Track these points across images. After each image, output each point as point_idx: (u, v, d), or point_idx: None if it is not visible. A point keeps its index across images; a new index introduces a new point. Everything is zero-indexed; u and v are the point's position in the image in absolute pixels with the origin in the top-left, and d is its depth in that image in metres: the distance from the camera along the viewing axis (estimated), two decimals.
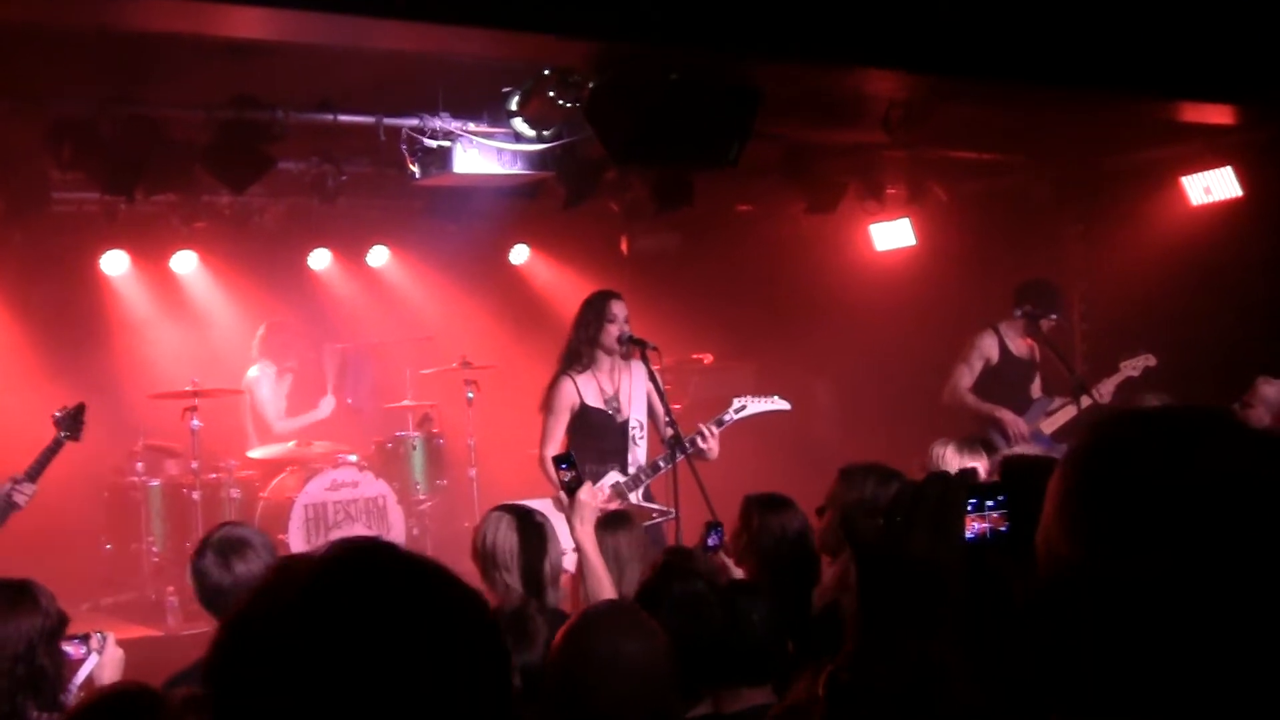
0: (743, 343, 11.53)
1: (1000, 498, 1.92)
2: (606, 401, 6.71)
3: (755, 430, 7.11)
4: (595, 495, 4.83)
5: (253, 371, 9.62)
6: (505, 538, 4.43)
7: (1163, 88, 7.04)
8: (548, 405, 6.69)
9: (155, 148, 7.24)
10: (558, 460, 4.82)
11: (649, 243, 11.52)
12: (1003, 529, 1.91)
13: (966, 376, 8.21)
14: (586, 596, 4.44)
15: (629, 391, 6.77)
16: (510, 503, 4.76)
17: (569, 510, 4.66)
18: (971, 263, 10.14)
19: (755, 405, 6.87)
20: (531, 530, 4.49)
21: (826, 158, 9.22)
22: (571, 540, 4.70)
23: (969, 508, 1.88)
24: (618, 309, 6.69)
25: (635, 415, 6.77)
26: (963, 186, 10.30)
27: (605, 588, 4.45)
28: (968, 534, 1.87)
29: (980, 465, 5.07)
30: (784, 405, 6.97)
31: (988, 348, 8.27)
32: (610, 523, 4.79)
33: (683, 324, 10.52)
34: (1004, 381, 8.19)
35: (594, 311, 6.73)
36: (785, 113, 7.48)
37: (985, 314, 8.62)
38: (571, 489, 4.69)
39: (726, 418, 6.76)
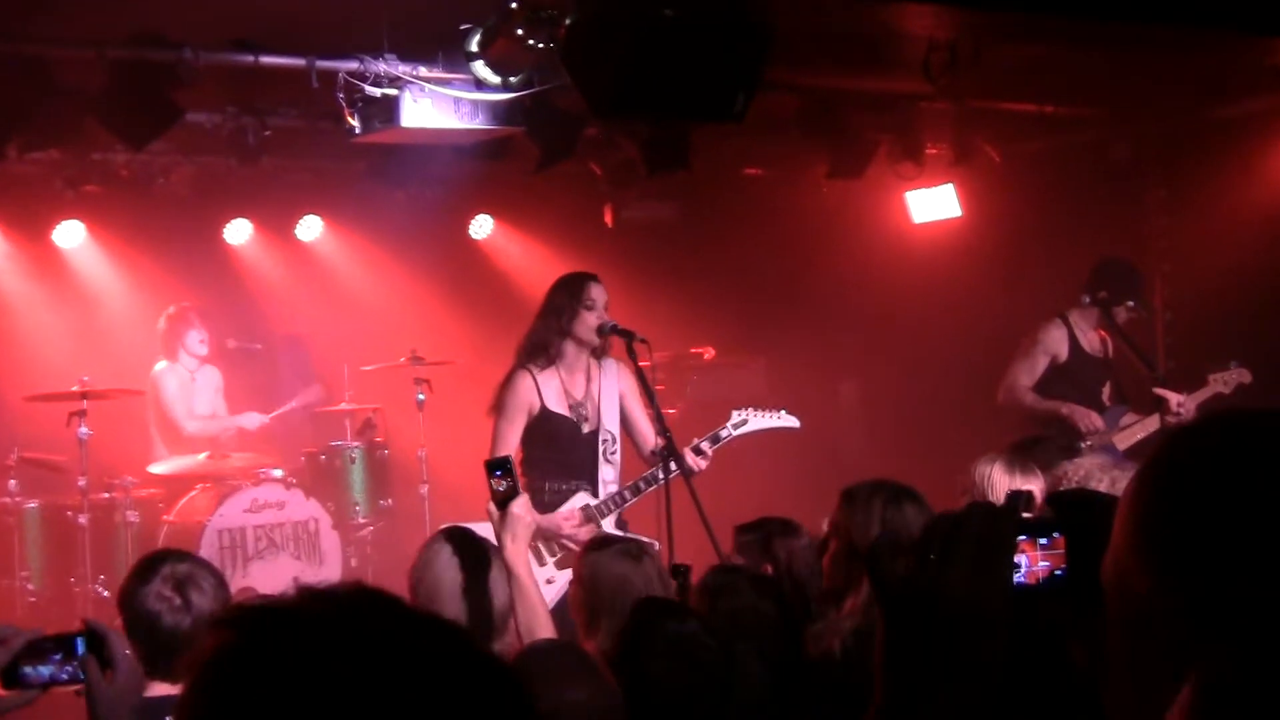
0: (751, 334, 11.53)
1: (1057, 534, 1.92)
2: (572, 407, 6.73)
3: (766, 440, 7.12)
4: (530, 510, 4.83)
5: (160, 364, 9.61)
6: (447, 569, 4.44)
7: (1269, 21, 7.02)
8: (499, 405, 6.68)
9: (34, 94, 7.21)
10: (491, 466, 4.79)
11: (638, 214, 11.51)
12: (1059, 572, 1.91)
13: (1027, 374, 8.22)
14: (520, 631, 4.48)
15: (598, 397, 6.79)
16: (456, 525, 4.77)
17: (498, 524, 4.66)
18: (1030, 238, 10.15)
19: (759, 420, 6.91)
20: (480, 560, 4.50)
21: (853, 111, 9.21)
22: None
23: (1019, 544, 1.88)
24: (598, 294, 6.70)
25: (607, 426, 6.79)
26: (1020, 145, 10.29)
27: (541, 623, 4.51)
28: (1017, 577, 1.87)
29: (1036, 487, 5.05)
30: (792, 422, 7.03)
31: (1055, 341, 8.28)
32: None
33: (678, 312, 10.51)
34: (1073, 383, 8.20)
35: (568, 295, 6.73)
36: (803, 56, 7.46)
37: (1046, 300, 8.62)
38: (504, 501, 4.70)
39: (724, 434, 6.78)
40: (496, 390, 6.73)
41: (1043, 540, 1.88)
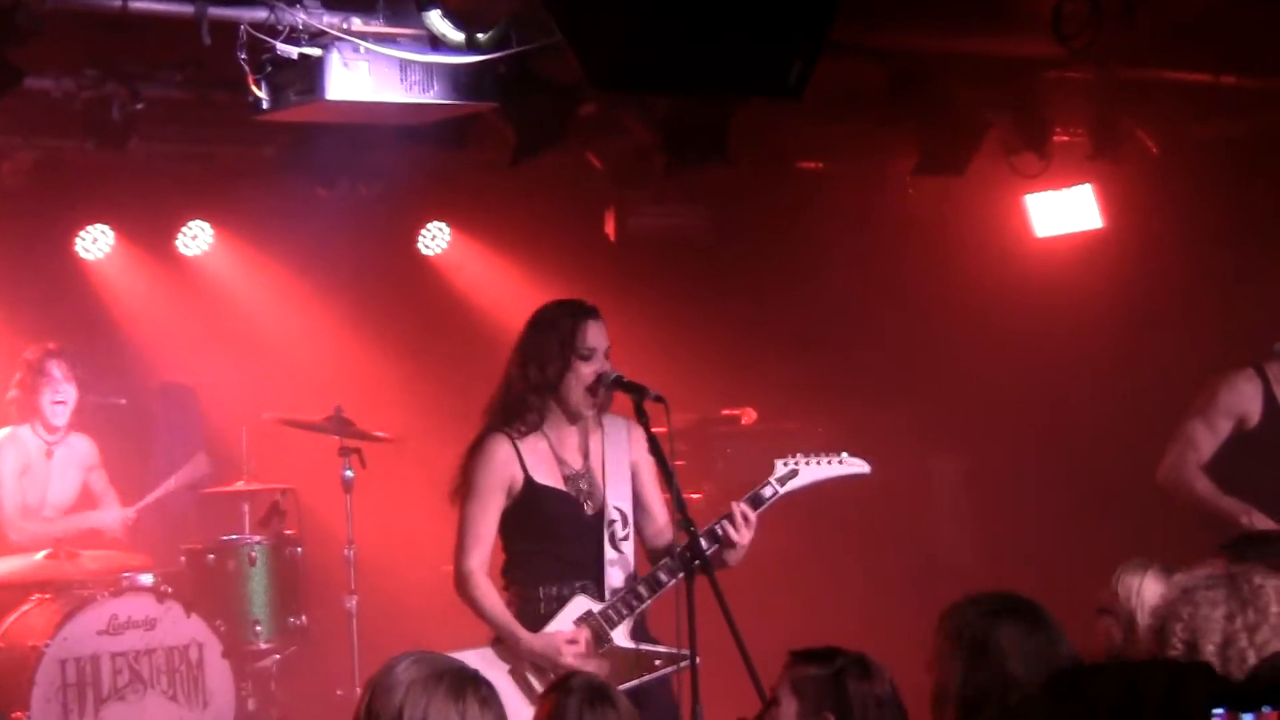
0: (808, 391, 11.53)
1: (1269, 707, 1.88)
2: (569, 479, 6.73)
3: (838, 532, 7.09)
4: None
5: (2, 433, 9.59)
6: (419, 702, 4.41)
7: None
8: (468, 483, 6.66)
9: None
10: None
11: (653, 222, 11.51)
12: None
13: (1204, 443, 8.16)
14: None
15: (602, 464, 6.79)
16: (424, 652, 4.73)
17: None
18: (1199, 259, 10.14)
19: (814, 470, 6.86)
20: (467, 693, 4.47)
21: (954, 82, 9.23)
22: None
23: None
24: (597, 338, 6.67)
25: (614, 503, 6.77)
26: (1186, 130, 10.31)
27: None
28: None
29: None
30: (860, 466, 6.96)
31: (1244, 399, 8.20)
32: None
33: (706, 359, 10.51)
34: (1265, 459, 8.14)
35: (556, 339, 6.70)
36: (884, 7, 7.48)
37: (1223, 345, 8.60)
38: None
39: (767, 493, 6.75)
40: (462, 461, 6.70)
41: (1247, 715, 1.84)
